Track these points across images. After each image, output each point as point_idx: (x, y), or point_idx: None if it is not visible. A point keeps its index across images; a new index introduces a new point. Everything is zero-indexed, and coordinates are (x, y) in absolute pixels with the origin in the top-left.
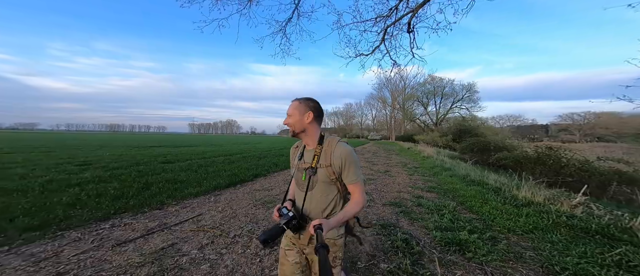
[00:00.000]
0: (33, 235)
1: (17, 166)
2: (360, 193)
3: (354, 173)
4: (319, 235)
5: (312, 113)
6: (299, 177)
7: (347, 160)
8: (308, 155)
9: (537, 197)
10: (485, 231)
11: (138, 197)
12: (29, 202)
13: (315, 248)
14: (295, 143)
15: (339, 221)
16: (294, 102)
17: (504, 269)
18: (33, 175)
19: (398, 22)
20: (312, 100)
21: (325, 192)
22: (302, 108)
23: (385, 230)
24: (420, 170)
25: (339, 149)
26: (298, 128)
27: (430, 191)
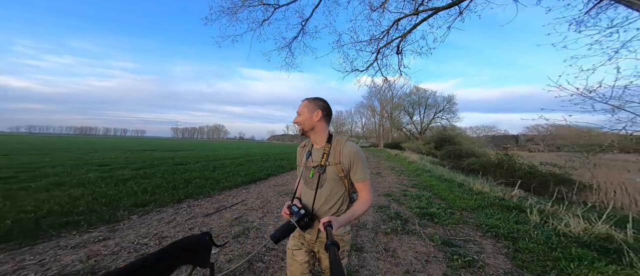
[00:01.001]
0: (143, 210)
1: (45, 165)
2: (368, 191)
3: (362, 171)
4: (329, 232)
5: (320, 112)
6: (307, 174)
7: (356, 158)
8: (316, 153)
9: (485, 189)
10: (447, 209)
11: (186, 188)
12: (110, 191)
13: (326, 245)
14: (303, 142)
15: (349, 219)
16: (304, 101)
17: (454, 227)
18: (77, 173)
19: (389, 44)
20: (321, 99)
21: (333, 190)
22: (312, 106)
23: (382, 209)
24: (406, 172)
25: (347, 147)
26: (307, 126)
27: (413, 187)
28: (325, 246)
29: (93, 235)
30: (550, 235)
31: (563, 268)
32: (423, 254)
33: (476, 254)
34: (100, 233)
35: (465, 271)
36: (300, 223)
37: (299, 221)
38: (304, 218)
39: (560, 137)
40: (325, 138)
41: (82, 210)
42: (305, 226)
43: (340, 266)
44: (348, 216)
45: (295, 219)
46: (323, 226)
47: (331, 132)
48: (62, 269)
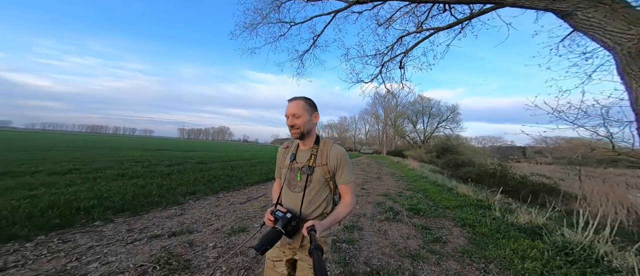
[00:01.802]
0: (194, 196)
1: (93, 161)
2: (351, 195)
3: (348, 173)
4: (313, 236)
5: (318, 114)
6: (293, 177)
7: (342, 160)
8: (302, 155)
9: (469, 193)
10: (433, 207)
11: (218, 183)
12: (163, 182)
13: (310, 250)
14: (285, 143)
15: (332, 222)
16: (299, 101)
17: (435, 219)
18: (125, 167)
19: (393, 59)
20: (312, 99)
21: (319, 192)
22: (310, 108)
23: (379, 205)
24: (405, 178)
25: (334, 149)
26: (307, 128)
27: (408, 190)
28: (309, 251)
29: (171, 212)
30: (501, 224)
31: (498, 242)
32: (406, 234)
33: (444, 235)
34: (175, 211)
35: (433, 245)
36: (287, 229)
37: (286, 226)
38: (291, 222)
39: (570, 148)
40: (314, 139)
41: (155, 195)
42: (292, 232)
43: (325, 271)
44: (331, 220)
45: (281, 225)
46: (306, 231)
47: (319, 134)
48: (170, 229)
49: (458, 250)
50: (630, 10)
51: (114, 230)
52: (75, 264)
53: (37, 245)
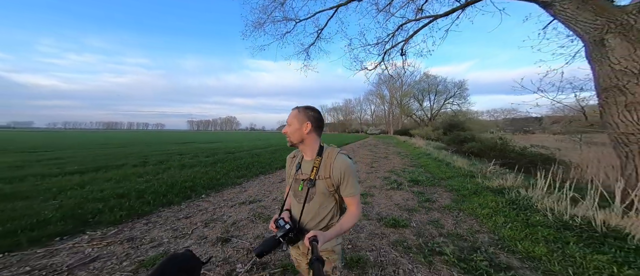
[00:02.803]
0: (245, 179)
1: (149, 155)
2: (356, 207)
3: (353, 186)
4: (314, 247)
5: (310, 124)
6: (296, 187)
7: (347, 173)
8: (306, 166)
9: (464, 166)
10: (430, 178)
11: (253, 169)
12: (215, 170)
13: (310, 261)
14: (292, 153)
15: (335, 233)
16: (293, 111)
17: (431, 187)
18: (174, 159)
19: (394, 47)
20: (312, 109)
21: (323, 204)
22: (301, 117)
23: (386, 179)
24: (410, 156)
25: (338, 161)
26: (296, 138)
27: (412, 166)
28: (309, 261)
29: (237, 190)
30: (479, 187)
31: (471, 199)
32: (406, 197)
33: (434, 197)
34: (239, 189)
35: (425, 203)
36: (286, 238)
37: (284, 236)
38: (289, 233)
39: (591, 121)
40: (316, 150)
41: (219, 179)
42: (291, 241)
43: None
44: (335, 231)
45: (280, 234)
46: (308, 241)
47: (322, 143)
48: (246, 199)
49: (442, 206)
50: (597, 2)
51: (215, 199)
52: (216, 216)
53: (187, 206)
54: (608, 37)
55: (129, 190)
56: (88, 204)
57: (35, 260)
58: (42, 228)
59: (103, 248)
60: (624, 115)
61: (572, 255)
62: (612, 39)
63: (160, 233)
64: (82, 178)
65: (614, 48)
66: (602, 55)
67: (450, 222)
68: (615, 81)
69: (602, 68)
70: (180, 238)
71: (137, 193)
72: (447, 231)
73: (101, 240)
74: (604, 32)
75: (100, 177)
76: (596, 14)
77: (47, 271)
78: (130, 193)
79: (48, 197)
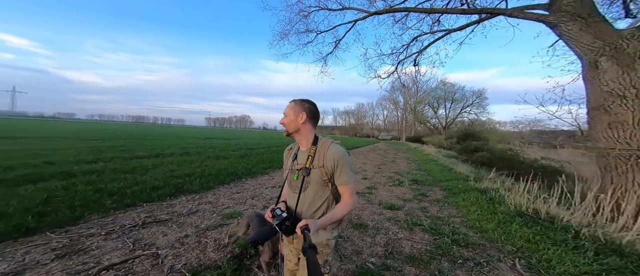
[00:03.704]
0: (272, 169)
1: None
2: (350, 195)
3: (346, 174)
4: (306, 235)
5: (305, 114)
6: (291, 177)
7: (340, 161)
8: (302, 156)
9: (463, 170)
10: (430, 180)
11: (274, 162)
12: (246, 161)
13: (303, 248)
14: (289, 145)
15: (327, 221)
16: (290, 103)
17: (428, 186)
18: (209, 152)
19: (408, 58)
20: (308, 101)
21: (317, 193)
22: (297, 108)
23: (391, 178)
24: (417, 161)
25: (332, 150)
26: (292, 128)
27: (417, 170)
28: (302, 249)
29: (265, 177)
30: (469, 188)
31: (459, 196)
32: (405, 192)
33: (429, 193)
34: (267, 177)
35: (420, 196)
36: (282, 227)
37: (280, 225)
38: (286, 222)
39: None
40: (311, 140)
41: (251, 168)
42: (287, 231)
43: (318, 269)
44: (327, 219)
45: (276, 222)
46: (300, 230)
47: (317, 134)
48: (271, 185)
49: (433, 199)
50: (600, 25)
51: (253, 182)
52: (258, 193)
53: (235, 186)
54: (601, 60)
55: (192, 171)
56: (172, 180)
57: (165, 208)
58: (158, 190)
59: (197, 205)
60: (606, 132)
61: (510, 230)
62: (604, 61)
63: (225, 200)
64: (150, 161)
65: (605, 70)
66: (594, 76)
67: (435, 209)
68: (602, 101)
69: (593, 88)
70: (240, 205)
71: (199, 174)
72: (431, 214)
73: (193, 201)
74: (598, 54)
75: (162, 161)
76: (595, 37)
77: (177, 215)
78: (194, 174)
79: (142, 172)
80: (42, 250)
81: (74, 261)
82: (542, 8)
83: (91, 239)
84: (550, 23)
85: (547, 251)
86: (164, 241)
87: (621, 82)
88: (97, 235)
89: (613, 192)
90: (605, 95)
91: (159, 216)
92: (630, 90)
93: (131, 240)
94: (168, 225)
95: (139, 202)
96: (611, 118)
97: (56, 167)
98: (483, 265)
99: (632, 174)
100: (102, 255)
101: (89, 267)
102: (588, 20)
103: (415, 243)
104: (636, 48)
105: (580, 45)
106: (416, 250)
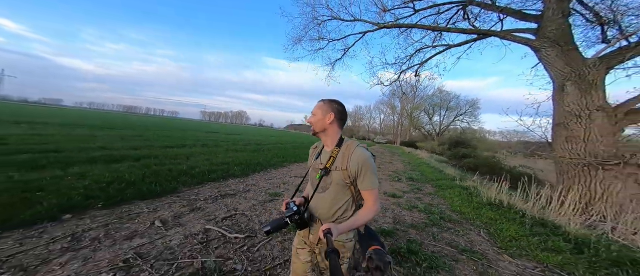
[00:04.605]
0: (286, 163)
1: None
2: (374, 201)
3: (370, 180)
4: (329, 239)
5: (333, 115)
6: (313, 175)
7: (364, 166)
8: (325, 155)
9: (451, 172)
10: (423, 178)
11: (288, 157)
12: (263, 155)
13: (326, 252)
14: (315, 143)
15: (350, 226)
16: (319, 102)
17: (422, 183)
18: (223, 146)
19: (410, 68)
20: (336, 101)
21: (337, 195)
22: (326, 108)
23: (390, 175)
24: (411, 164)
25: (356, 154)
26: (319, 127)
27: (412, 170)
28: (325, 253)
29: (285, 169)
30: (453, 185)
31: (446, 190)
32: (403, 186)
33: (422, 187)
34: (286, 169)
35: (415, 190)
36: (292, 220)
37: (291, 217)
38: (295, 215)
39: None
40: (336, 141)
41: (269, 160)
42: (298, 224)
43: (340, 272)
44: (349, 224)
45: (287, 214)
46: (322, 234)
47: (342, 135)
48: (292, 175)
49: (426, 192)
50: (572, 52)
51: (277, 172)
52: (285, 180)
53: (264, 174)
54: (567, 84)
55: (224, 161)
56: (214, 166)
57: (223, 187)
58: (211, 174)
59: (245, 186)
60: (563, 144)
61: (480, 212)
62: (569, 85)
63: (264, 184)
64: (181, 151)
65: (569, 93)
66: (561, 97)
67: (428, 199)
68: (563, 119)
69: (558, 108)
70: (276, 188)
71: (232, 163)
72: (424, 202)
73: (241, 183)
74: (566, 79)
75: (190, 151)
76: (566, 63)
77: (234, 190)
78: (229, 163)
79: (184, 160)
80: (179, 206)
81: (201, 214)
82: (531, 32)
83: (199, 203)
84: (534, 47)
85: (501, 225)
86: (244, 207)
87: (579, 104)
88: (200, 201)
89: (562, 190)
90: (566, 114)
91: (226, 191)
92: (585, 111)
93: (223, 205)
94: (236, 198)
95: (204, 181)
96: (568, 133)
97: (115, 151)
98: (459, 231)
99: (578, 177)
100: (213, 212)
101: (214, 217)
102: (564, 47)
103: (414, 218)
104: (594, 76)
105: (554, 69)
106: (415, 221)
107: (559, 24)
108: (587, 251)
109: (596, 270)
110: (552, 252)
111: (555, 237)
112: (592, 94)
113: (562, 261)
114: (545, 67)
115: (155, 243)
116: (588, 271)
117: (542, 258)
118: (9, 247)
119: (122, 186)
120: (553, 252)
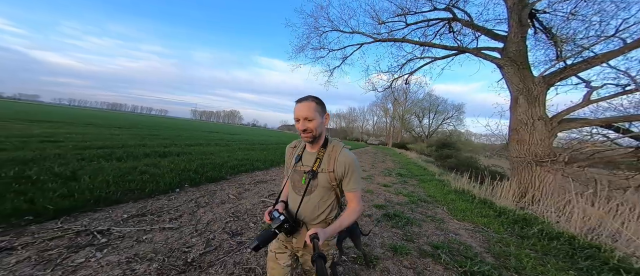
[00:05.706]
0: None
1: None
2: (358, 202)
3: (355, 182)
4: (316, 244)
5: (328, 115)
6: (298, 179)
7: (351, 168)
8: (308, 157)
9: (433, 170)
10: (409, 174)
11: None
12: (267, 154)
13: (312, 258)
14: (293, 142)
15: (335, 229)
16: (310, 103)
17: (409, 178)
18: (232, 146)
19: (401, 77)
20: (320, 98)
21: (323, 197)
22: (320, 109)
23: (383, 172)
24: (401, 163)
25: (343, 156)
26: (319, 132)
27: (401, 168)
28: (312, 259)
29: None
30: (433, 179)
31: (427, 183)
32: (393, 179)
33: (408, 181)
34: None
35: (402, 182)
36: (281, 230)
37: (280, 227)
38: (284, 224)
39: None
40: (322, 142)
41: (279, 158)
42: (288, 232)
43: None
44: (335, 227)
45: (275, 225)
46: (309, 239)
47: (327, 135)
48: None
49: (410, 184)
50: (525, 71)
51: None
52: None
53: (280, 169)
54: (520, 98)
55: (244, 157)
56: (237, 161)
57: (254, 176)
58: (238, 167)
59: (270, 177)
60: (515, 146)
61: (447, 197)
62: (521, 99)
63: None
64: (200, 149)
65: (521, 105)
66: (515, 108)
67: (411, 188)
68: (515, 126)
69: (514, 116)
70: None
71: (253, 159)
72: (408, 190)
73: (265, 174)
74: (520, 93)
75: (207, 149)
76: (520, 80)
77: (264, 180)
78: (249, 159)
79: (209, 156)
80: (235, 187)
81: (252, 193)
82: (498, 51)
83: (246, 186)
84: (499, 64)
85: (459, 204)
86: (277, 190)
87: (526, 114)
88: (245, 185)
89: (511, 182)
90: (518, 122)
91: (259, 179)
92: (530, 120)
93: (263, 188)
94: (268, 184)
95: (239, 172)
96: (518, 137)
97: (155, 148)
98: (429, 207)
99: (524, 173)
100: (259, 192)
101: (261, 194)
102: (520, 66)
103: (400, 199)
104: (538, 91)
105: (512, 84)
106: (400, 201)
107: (518, 45)
108: (503, 216)
109: (504, 224)
110: (483, 217)
111: (488, 210)
112: (536, 106)
113: (487, 222)
114: (506, 82)
115: (238, 207)
116: (501, 226)
117: (476, 221)
118: (163, 203)
119: (190, 174)
120: (483, 217)
